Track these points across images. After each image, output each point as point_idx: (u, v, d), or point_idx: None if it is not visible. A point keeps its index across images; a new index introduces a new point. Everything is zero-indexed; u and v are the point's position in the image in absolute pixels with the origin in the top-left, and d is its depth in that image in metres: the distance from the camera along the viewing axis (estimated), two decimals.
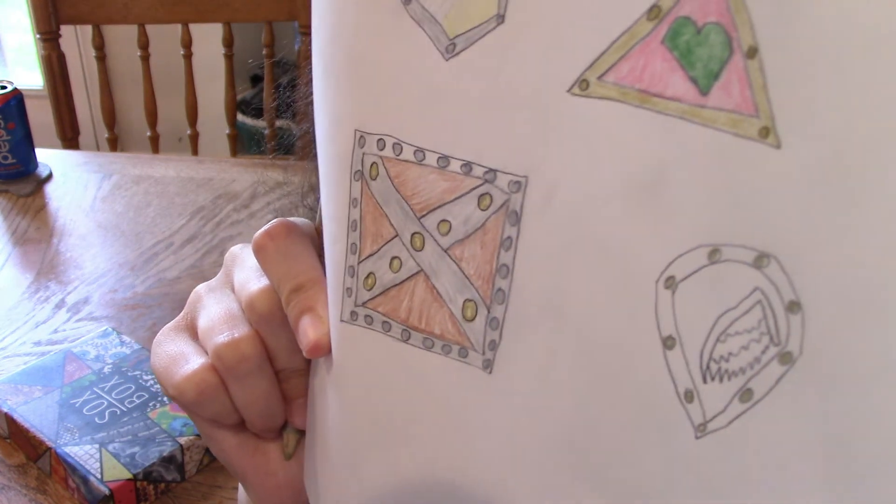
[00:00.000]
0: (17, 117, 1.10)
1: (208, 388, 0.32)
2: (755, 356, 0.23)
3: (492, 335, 0.26)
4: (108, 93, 1.55)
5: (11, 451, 0.71)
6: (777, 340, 0.22)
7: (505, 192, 0.25)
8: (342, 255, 0.28)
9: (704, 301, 0.23)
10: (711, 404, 0.23)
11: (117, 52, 2.13)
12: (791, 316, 0.22)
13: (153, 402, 0.71)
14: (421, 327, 0.27)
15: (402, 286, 0.27)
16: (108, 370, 0.75)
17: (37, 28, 1.41)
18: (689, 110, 0.22)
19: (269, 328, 0.32)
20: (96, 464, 0.65)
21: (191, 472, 0.69)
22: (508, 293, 0.25)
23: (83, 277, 0.96)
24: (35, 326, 0.87)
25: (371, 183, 0.27)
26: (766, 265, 0.22)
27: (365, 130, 0.27)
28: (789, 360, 0.22)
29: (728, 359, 0.23)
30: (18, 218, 1.07)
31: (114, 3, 1.42)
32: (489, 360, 0.26)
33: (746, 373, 0.23)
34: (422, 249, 0.26)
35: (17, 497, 0.67)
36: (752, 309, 0.22)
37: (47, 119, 1.45)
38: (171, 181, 1.16)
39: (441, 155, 0.25)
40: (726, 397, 0.23)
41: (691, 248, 0.23)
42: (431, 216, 0.26)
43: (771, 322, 0.22)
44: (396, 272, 0.27)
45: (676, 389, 0.24)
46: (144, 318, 0.89)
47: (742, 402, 0.23)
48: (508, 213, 0.25)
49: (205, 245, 1.01)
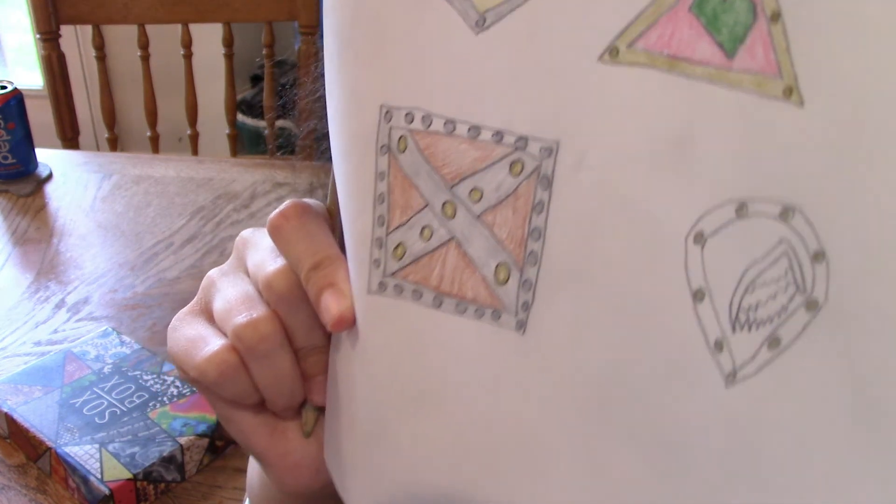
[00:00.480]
0: (17, 117, 1.10)
1: (229, 369, 0.32)
2: (782, 305, 0.24)
3: (525, 296, 0.26)
4: (108, 93, 1.55)
5: (11, 451, 0.71)
6: (803, 288, 0.23)
7: (536, 158, 0.25)
8: (368, 227, 0.29)
9: (733, 254, 0.24)
10: (741, 353, 0.24)
11: (117, 52, 2.13)
12: (816, 265, 0.23)
13: (153, 402, 0.71)
14: (454, 293, 0.27)
15: (433, 254, 0.28)
16: (108, 370, 0.75)
17: (37, 28, 1.41)
18: (715, 73, 0.23)
19: (288, 307, 0.32)
20: (96, 464, 0.65)
21: (191, 472, 0.69)
22: (541, 255, 0.26)
23: (83, 277, 0.96)
24: (35, 326, 0.87)
25: (399, 156, 0.28)
26: (792, 218, 0.23)
27: (392, 105, 0.27)
28: (815, 307, 0.23)
29: (756, 308, 0.24)
30: (18, 218, 1.07)
31: (114, 3, 1.42)
32: (522, 321, 0.27)
33: (774, 321, 0.24)
34: (454, 217, 0.27)
35: (17, 497, 0.67)
36: (779, 260, 0.24)
37: (47, 119, 1.44)
38: (171, 181, 1.16)
39: (472, 125, 0.26)
40: (755, 345, 0.24)
41: (719, 205, 0.24)
42: (463, 185, 0.27)
43: (797, 271, 0.23)
44: (427, 240, 0.28)
45: (707, 340, 0.25)
46: (144, 318, 0.89)
47: (770, 349, 0.24)
48: (540, 178, 0.25)
49: (205, 245, 1.01)
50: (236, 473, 0.70)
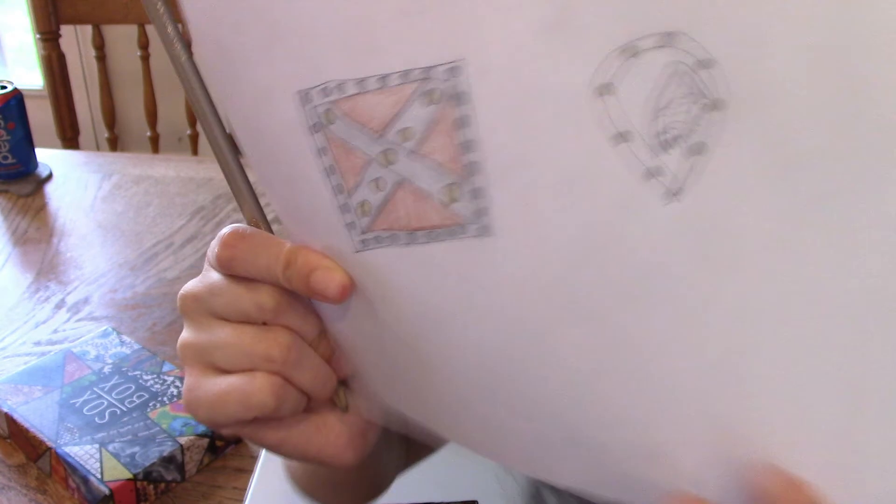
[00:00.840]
0: (17, 117, 1.10)
1: (281, 388, 0.33)
2: (695, 114, 0.26)
3: (478, 204, 0.28)
4: (108, 93, 1.55)
5: (11, 451, 0.71)
6: (707, 94, 0.26)
7: (445, 80, 0.27)
8: (329, 200, 0.31)
9: (638, 90, 0.26)
10: (674, 170, 0.27)
11: (117, 52, 2.13)
12: (711, 70, 0.26)
13: (153, 402, 0.71)
14: (420, 225, 0.30)
15: (392, 199, 0.30)
16: (109, 370, 0.75)
17: (37, 28, 1.41)
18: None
19: (284, 314, 0.34)
20: (96, 464, 0.65)
21: (191, 472, 0.69)
22: (481, 162, 0.28)
23: (83, 277, 0.96)
24: (35, 326, 0.87)
25: (332, 127, 0.29)
26: (677, 40, 0.26)
27: (305, 87, 0.29)
28: (723, 105, 0.26)
29: (675, 125, 0.27)
30: (18, 218, 1.07)
31: (114, 3, 1.43)
32: (482, 227, 0.29)
33: (694, 130, 0.26)
34: (395, 161, 0.29)
35: (17, 497, 0.67)
36: (677, 77, 0.26)
37: (47, 119, 1.45)
38: (171, 181, 1.16)
39: (378, 76, 0.28)
40: (684, 158, 0.27)
41: (611, 53, 0.26)
42: (391, 130, 0.29)
43: (697, 82, 0.26)
44: (383, 190, 0.30)
45: (646, 171, 0.27)
46: (144, 318, 0.89)
47: (697, 154, 0.27)
48: (456, 96, 0.27)
49: (205, 245, 1.01)
50: (236, 473, 0.70)
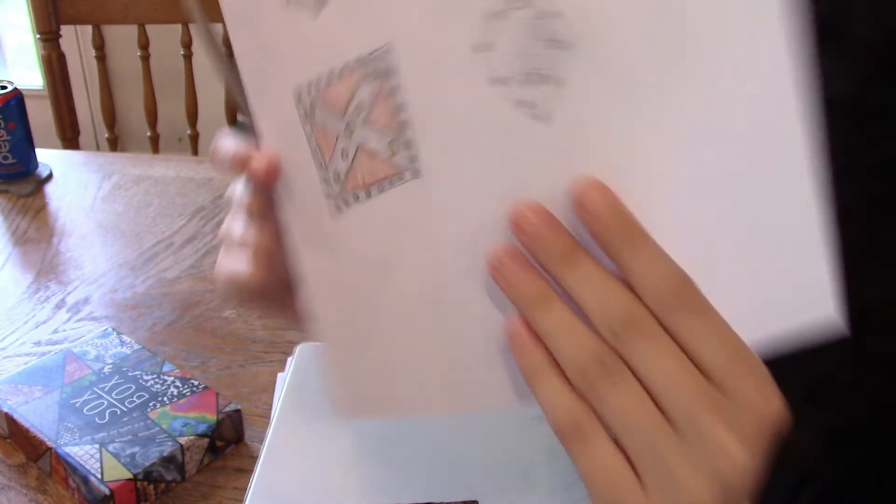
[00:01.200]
0: (17, 117, 1.10)
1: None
2: (552, 55, 0.33)
3: (410, 152, 0.36)
4: (108, 93, 1.55)
5: (11, 451, 0.71)
6: (559, 38, 0.32)
7: (380, 61, 0.35)
8: (315, 173, 0.39)
9: (509, 42, 0.33)
10: (540, 101, 0.33)
11: (117, 52, 2.13)
12: (560, 19, 0.32)
13: (153, 402, 0.71)
14: (373, 181, 0.37)
15: (354, 165, 0.37)
16: (109, 370, 0.75)
17: (37, 28, 1.41)
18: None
19: None
20: (96, 464, 0.65)
21: (191, 472, 0.69)
22: (410, 119, 0.35)
23: (83, 277, 0.96)
24: (35, 326, 0.87)
25: (314, 116, 0.38)
26: (533, 1, 0.32)
27: (297, 87, 0.38)
28: (572, 46, 0.32)
29: (539, 67, 0.33)
30: (18, 218, 1.07)
31: (114, 3, 1.43)
32: (415, 171, 0.36)
33: (553, 68, 0.33)
34: (354, 132, 0.37)
35: (17, 497, 0.67)
36: (537, 29, 0.32)
37: (47, 119, 1.45)
38: (171, 181, 1.16)
39: (339, 69, 0.36)
40: (548, 90, 0.33)
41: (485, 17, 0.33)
42: (351, 109, 0.36)
43: (551, 30, 0.32)
44: (348, 158, 0.37)
45: (517, 102, 0.34)
46: (144, 318, 0.89)
47: (557, 86, 0.33)
48: (388, 72, 0.35)
49: (205, 245, 1.01)
50: (236, 473, 0.70)
